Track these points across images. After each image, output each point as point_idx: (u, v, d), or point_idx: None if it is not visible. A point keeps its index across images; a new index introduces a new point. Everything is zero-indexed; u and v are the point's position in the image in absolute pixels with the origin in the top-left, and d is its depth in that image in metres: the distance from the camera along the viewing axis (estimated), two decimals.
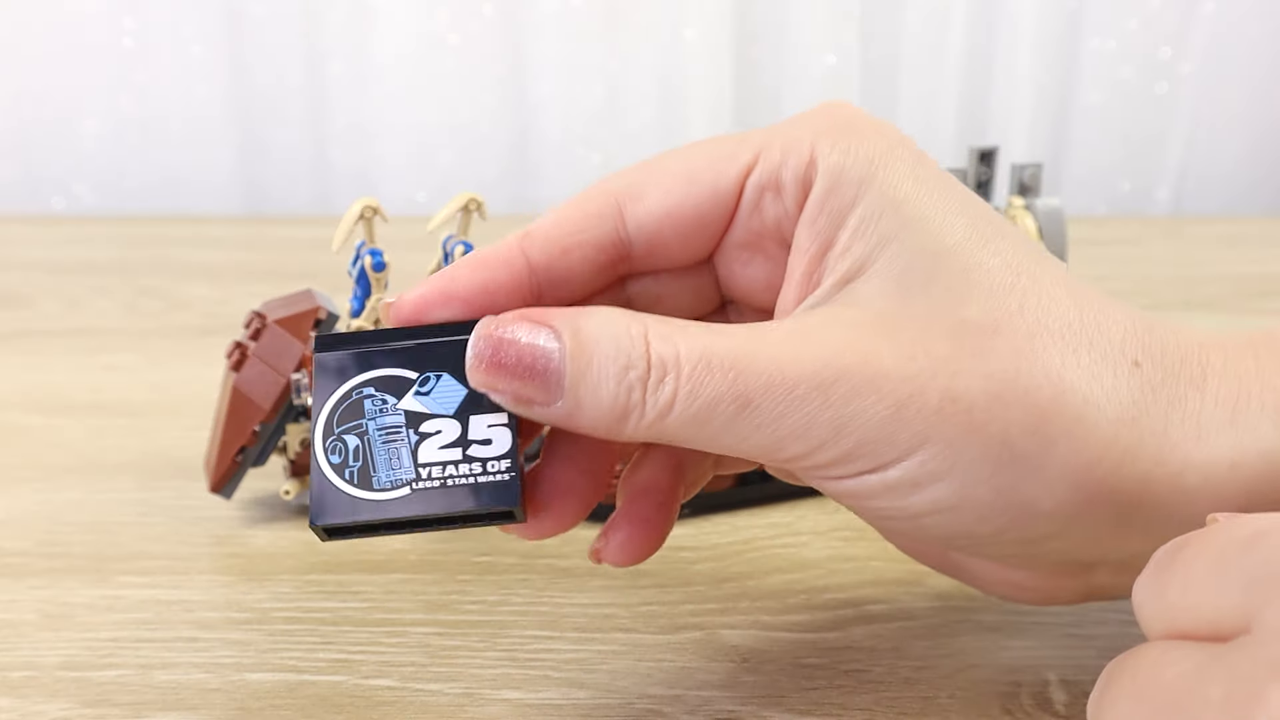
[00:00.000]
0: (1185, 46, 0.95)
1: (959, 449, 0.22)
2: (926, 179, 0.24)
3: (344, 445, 0.24)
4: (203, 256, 0.76)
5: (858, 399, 0.22)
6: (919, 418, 0.22)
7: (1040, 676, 0.28)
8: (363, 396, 0.24)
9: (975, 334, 0.23)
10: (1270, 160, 0.98)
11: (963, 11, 0.93)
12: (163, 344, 0.57)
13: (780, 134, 0.25)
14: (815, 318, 0.24)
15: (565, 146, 0.95)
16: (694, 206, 0.25)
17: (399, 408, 0.24)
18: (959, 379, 0.22)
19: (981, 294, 0.23)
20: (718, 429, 0.22)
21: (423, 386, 0.24)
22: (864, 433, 0.22)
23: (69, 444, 0.44)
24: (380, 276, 0.37)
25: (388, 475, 0.24)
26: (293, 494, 0.37)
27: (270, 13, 0.91)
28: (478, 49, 0.93)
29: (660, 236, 0.26)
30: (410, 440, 0.24)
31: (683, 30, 0.92)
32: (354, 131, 0.94)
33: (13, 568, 0.34)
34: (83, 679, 0.29)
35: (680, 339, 0.23)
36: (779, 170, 0.25)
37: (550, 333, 0.23)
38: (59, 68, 0.91)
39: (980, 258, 0.24)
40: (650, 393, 0.22)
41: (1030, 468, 0.22)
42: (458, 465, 0.24)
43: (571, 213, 0.25)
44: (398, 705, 0.28)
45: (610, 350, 0.22)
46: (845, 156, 0.24)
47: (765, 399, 0.22)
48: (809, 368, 0.22)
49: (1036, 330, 0.23)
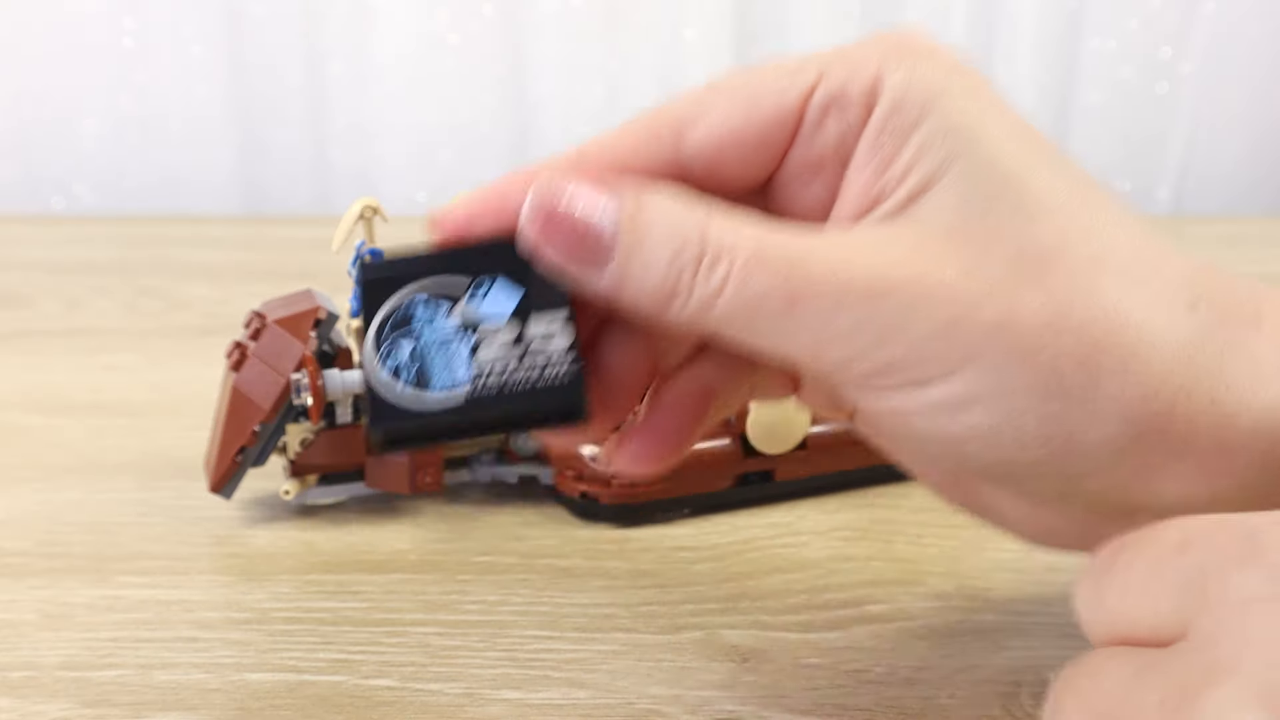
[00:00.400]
0: (1185, 46, 0.95)
1: (1006, 372, 0.22)
2: (992, 103, 0.24)
3: (399, 352, 0.23)
4: (203, 256, 0.76)
5: (907, 311, 0.22)
6: (969, 336, 0.21)
7: (1040, 676, 0.28)
8: (415, 305, 0.24)
9: (1035, 259, 0.22)
10: (1270, 160, 0.98)
11: (963, 11, 0.93)
12: (163, 344, 0.57)
13: (844, 54, 0.25)
14: (876, 229, 0.23)
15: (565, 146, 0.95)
16: (756, 127, 0.25)
17: (453, 313, 0.23)
18: (1014, 302, 0.22)
19: (1045, 218, 0.23)
20: (762, 323, 0.22)
21: (477, 290, 0.24)
22: (910, 344, 0.22)
23: (69, 444, 0.44)
24: None
25: (446, 378, 0.23)
26: (293, 494, 0.37)
27: (270, 13, 0.91)
28: (478, 49, 0.93)
29: (720, 159, 0.25)
30: (468, 341, 0.23)
31: (683, 30, 0.92)
32: (354, 131, 0.94)
33: (13, 568, 0.34)
34: (82, 679, 0.29)
35: (740, 228, 0.22)
36: (843, 87, 0.24)
37: (611, 197, 0.22)
38: (59, 68, 0.91)
39: (1046, 183, 0.23)
40: (701, 276, 0.22)
41: (1079, 398, 0.22)
42: (520, 362, 0.23)
43: (627, 136, 0.25)
44: (398, 705, 0.28)
45: (667, 227, 0.22)
46: (911, 75, 0.24)
47: (814, 298, 0.22)
48: (863, 274, 0.22)
49: (1097, 260, 0.22)
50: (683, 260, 0.22)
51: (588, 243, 0.22)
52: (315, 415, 0.35)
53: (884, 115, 0.24)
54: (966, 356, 0.22)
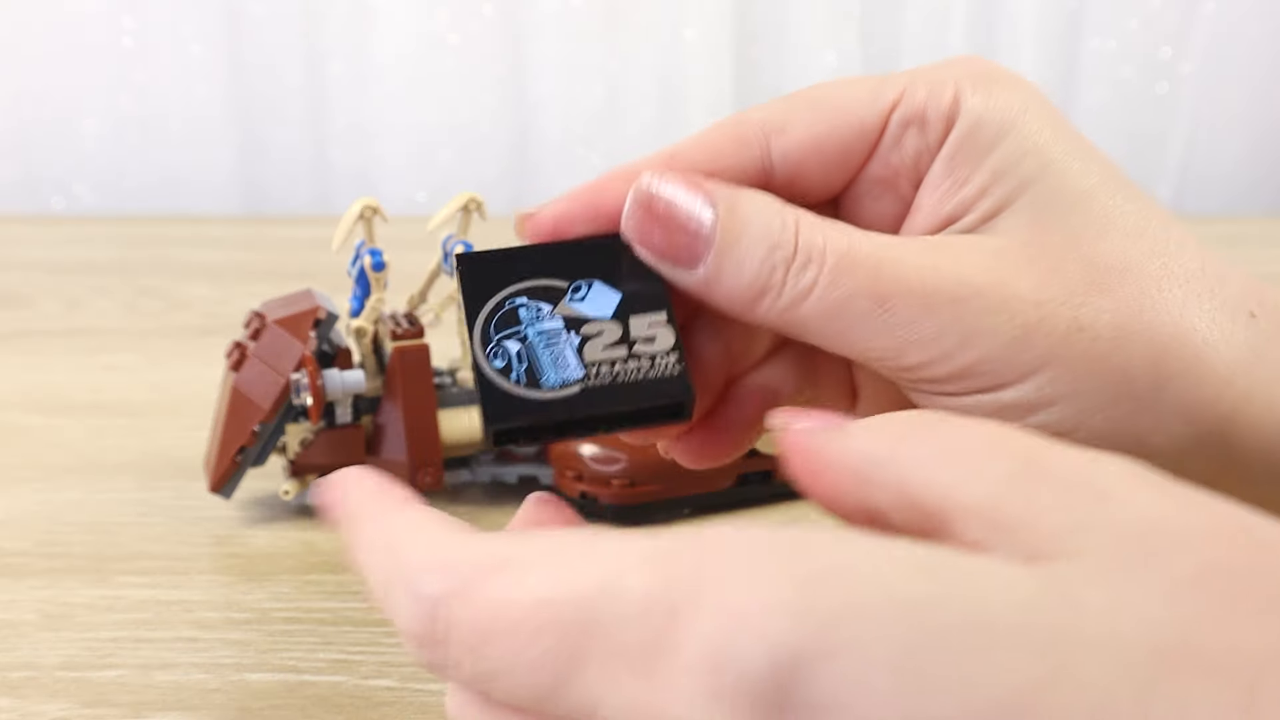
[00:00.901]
0: (1186, 46, 0.95)
1: (1079, 376, 0.23)
2: (1063, 129, 0.25)
3: (505, 350, 0.23)
4: (203, 256, 0.76)
5: (989, 316, 0.23)
6: (1044, 341, 0.23)
7: None
8: (516, 305, 0.24)
9: (1106, 270, 0.23)
10: (1270, 160, 0.98)
11: (963, 11, 0.93)
12: (162, 344, 0.57)
13: (924, 75, 0.26)
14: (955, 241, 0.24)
15: (565, 146, 0.95)
16: (839, 138, 0.26)
17: (556, 314, 0.24)
18: (1086, 309, 0.23)
19: (1115, 234, 0.24)
20: (848, 324, 0.23)
21: (576, 293, 0.24)
22: (989, 349, 0.23)
23: (69, 444, 0.44)
24: (380, 276, 0.37)
25: (556, 375, 0.23)
26: (292, 494, 0.37)
27: (270, 12, 0.91)
28: (478, 49, 0.93)
29: (802, 167, 0.26)
30: (573, 341, 0.23)
31: (683, 30, 0.92)
32: (354, 131, 0.94)
33: (13, 568, 0.34)
34: (82, 679, 0.29)
35: (829, 231, 0.23)
36: (924, 106, 0.25)
37: (707, 196, 0.23)
38: (59, 68, 0.91)
39: (1115, 203, 0.24)
40: (792, 275, 0.23)
41: (1147, 402, 0.23)
42: (626, 361, 0.23)
43: (717, 138, 0.26)
44: (397, 705, 0.28)
45: (761, 227, 0.23)
46: (988, 100, 0.25)
47: (900, 301, 0.23)
48: (947, 279, 0.23)
49: (1163, 274, 0.24)
50: (775, 259, 0.23)
51: (685, 239, 0.23)
52: (315, 415, 0.35)
53: (961, 137, 0.25)
54: (1043, 361, 0.23)
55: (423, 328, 0.37)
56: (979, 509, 0.17)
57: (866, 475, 0.19)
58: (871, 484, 0.19)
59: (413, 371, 0.36)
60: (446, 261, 0.38)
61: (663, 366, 0.23)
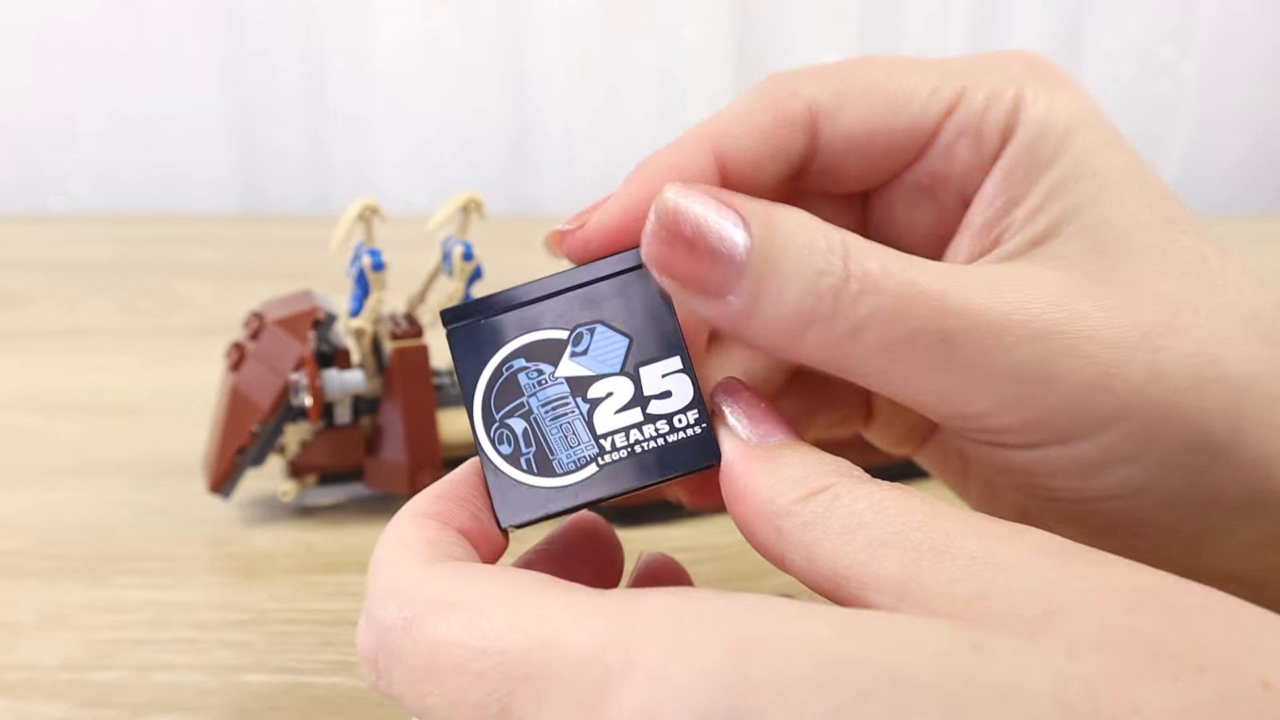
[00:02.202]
0: (1186, 46, 0.95)
1: (1160, 428, 0.20)
2: (1120, 147, 0.23)
3: (510, 432, 0.21)
4: (202, 256, 0.76)
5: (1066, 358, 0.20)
6: (1125, 389, 0.20)
7: None
8: (514, 371, 0.21)
9: (1174, 310, 0.21)
10: (1271, 160, 0.98)
11: (963, 12, 0.93)
12: (161, 344, 0.57)
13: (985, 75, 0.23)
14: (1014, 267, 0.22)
15: (565, 146, 0.95)
16: (889, 135, 0.23)
17: (558, 376, 0.21)
18: (1163, 354, 0.20)
19: (1176, 271, 0.22)
20: (910, 363, 0.20)
21: (577, 345, 0.21)
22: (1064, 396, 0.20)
23: (68, 444, 0.44)
24: (379, 276, 0.37)
25: (568, 456, 0.21)
26: (291, 494, 0.37)
27: (269, 12, 0.91)
28: (478, 48, 0.93)
29: (845, 160, 0.24)
30: (581, 410, 0.21)
31: (683, 29, 0.92)
32: (353, 131, 0.94)
33: (11, 568, 0.34)
34: (81, 680, 0.29)
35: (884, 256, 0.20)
36: (982, 116, 0.23)
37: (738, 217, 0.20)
38: (57, 66, 0.91)
39: (1173, 235, 0.22)
40: (846, 305, 0.19)
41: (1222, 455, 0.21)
42: (642, 429, 0.21)
43: (764, 121, 0.23)
44: (396, 706, 0.27)
45: (804, 250, 0.20)
46: (1049, 111, 0.23)
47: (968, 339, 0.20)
48: (1018, 315, 0.20)
49: (1229, 315, 0.21)
50: (822, 286, 0.19)
51: (715, 267, 0.20)
52: (314, 415, 0.35)
53: (1019, 152, 0.23)
54: (1120, 412, 0.20)
55: (422, 328, 0.37)
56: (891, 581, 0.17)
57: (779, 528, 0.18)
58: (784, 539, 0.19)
59: (412, 372, 0.36)
60: (446, 261, 0.38)
61: (683, 427, 0.21)
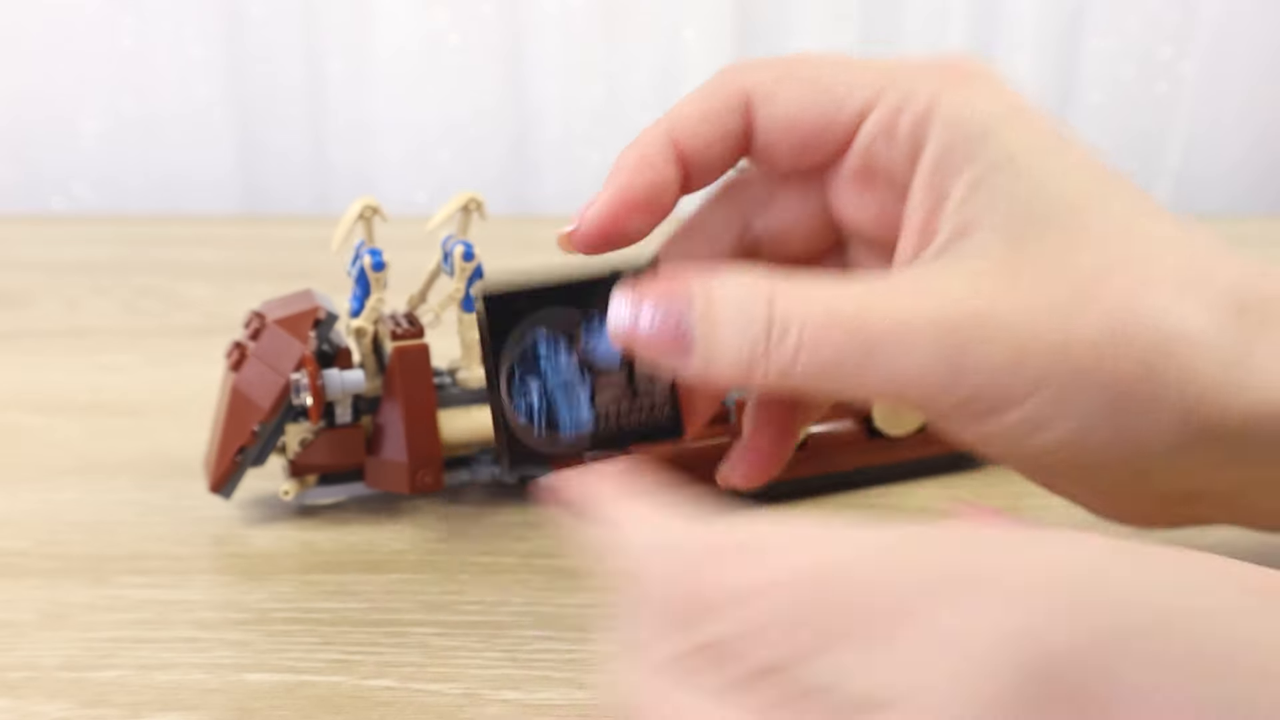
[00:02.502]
0: (1186, 46, 0.94)
1: (1076, 391, 0.23)
2: (1042, 135, 0.25)
3: (528, 393, 0.27)
4: (202, 256, 0.76)
5: (977, 344, 0.23)
6: (1035, 362, 0.23)
7: None
8: (537, 341, 0.27)
9: (1090, 280, 0.23)
10: (1270, 160, 0.98)
11: (963, 11, 0.93)
12: (162, 344, 0.57)
13: (901, 78, 0.26)
14: (934, 267, 0.25)
15: (565, 146, 0.95)
16: (812, 124, 0.26)
17: (572, 362, 0.27)
18: (1074, 323, 0.23)
19: (1098, 243, 0.24)
20: (841, 377, 0.24)
21: (588, 331, 0.27)
22: (983, 378, 0.23)
23: (68, 444, 0.44)
24: (379, 276, 0.37)
25: (571, 420, 0.27)
26: (292, 494, 0.37)
27: (270, 12, 0.91)
28: (478, 49, 0.93)
29: (778, 143, 0.27)
30: (587, 388, 0.27)
31: (683, 30, 0.92)
32: (354, 131, 0.94)
33: (12, 568, 0.34)
34: (82, 679, 0.29)
35: (804, 294, 0.24)
36: (895, 118, 0.26)
37: (683, 296, 0.25)
38: (58, 67, 0.91)
39: (1094, 210, 0.24)
40: (775, 346, 0.24)
41: (1142, 408, 0.23)
42: (631, 405, 0.27)
43: (710, 106, 0.27)
44: (397, 705, 0.27)
45: (736, 307, 0.24)
46: (963, 110, 0.25)
47: (885, 346, 0.23)
48: (929, 315, 0.23)
49: (1149, 276, 0.24)
50: (753, 335, 0.24)
51: (670, 345, 0.25)
52: (315, 415, 0.35)
53: (938, 152, 0.25)
54: (1036, 382, 0.23)
55: (423, 328, 0.37)
56: None
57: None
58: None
59: (412, 371, 0.36)
60: (446, 261, 0.38)
61: (661, 407, 0.28)
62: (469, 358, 0.39)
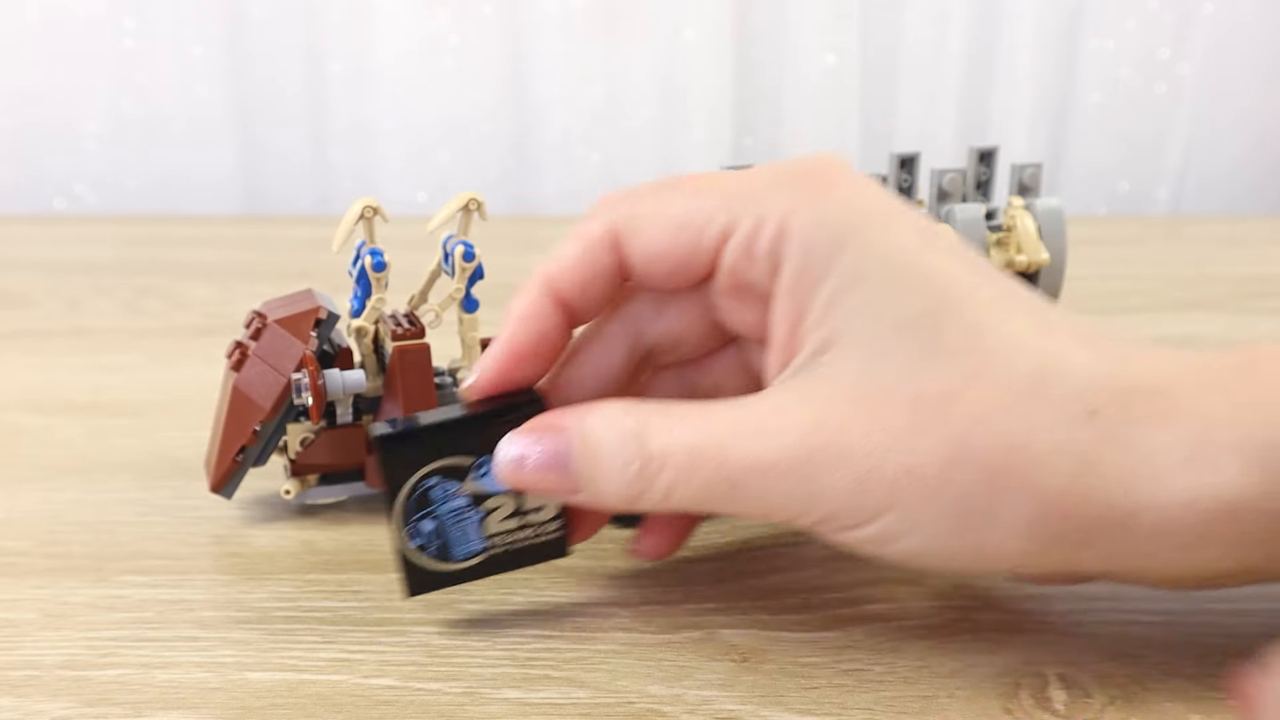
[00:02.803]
0: (1184, 47, 0.95)
1: (919, 512, 0.25)
2: (895, 249, 0.26)
3: (421, 530, 0.29)
4: (203, 256, 0.76)
5: (825, 475, 0.25)
6: (880, 487, 0.25)
7: (1040, 676, 0.28)
8: (429, 486, 0.29)
9: (931, 403, 0.25)
10: (1270, 161, 0.98)
11: (963, 11, 0.93)
12: (163, 344, 0.57)
13: (757, 199, 0.27)
14: (790, 394, 0.26)
15: (565, 146, 0.95)
16: (676, 256, 0.28)
17: (463, 492, 0.29)
18: (915, 449, 0.24)
19: (938, 364, 0.25)
20: (714, 505, 0.26)
21: (479, 470, 0.29)
22: (834, 504, 0.25)
23: (69, 444, 0.44)
24: (380, 276, 0.37)
25: (463, 549, 0.29)
26: (293, 493, 0.37)
27: (270, 13, 0.91)
28: (478, 49, 0.93)
29: (650, 270, 0.29)
30: (477, 516, 0.29)
31: (683, 30, 0.92)
32: (354, 131, 0.94)
33: (13, 567, 0.35)
34: (83, 678, 0.29)
35: (672, 431, 0.26)
36: (752, 242, 0.27)
37: (562, 437, 0.27)
38: (60, 68, 0.91)
39: (940, 327, 0.25)
40: (650, 482, 0.26)
41: (987, 521, 0.25)
42: (519, 531, 0.30)
43: (580, 250, 0.29)
44: (398, 705, 0.28)
45: (611, 449, 0.27)
46: (816, 229, 0.26)
47: (748, 480, 0.26)
48: (783, 450, 0.25)
49: (990, 393, 0.25)
50: (630, 473, 0.26)
51: (556, 483, 0.27)
52: (316, 415, 0.36)
53: (794, 272, 0.27)
54: (884, 504, 0.25)
55: (423, 328, 0.37)
56: None
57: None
58: None
59: (413, 371, 0.36)
60: (447, 261, 0.38)
61: (547, 533, 0.30)
62: (469, 358, 0.39)
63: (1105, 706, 0.27)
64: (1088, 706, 0.27)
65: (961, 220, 0.41)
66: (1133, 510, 0.24)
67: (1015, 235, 0.42)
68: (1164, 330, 0.59)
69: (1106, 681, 0.28)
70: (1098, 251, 0.76)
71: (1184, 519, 0.24)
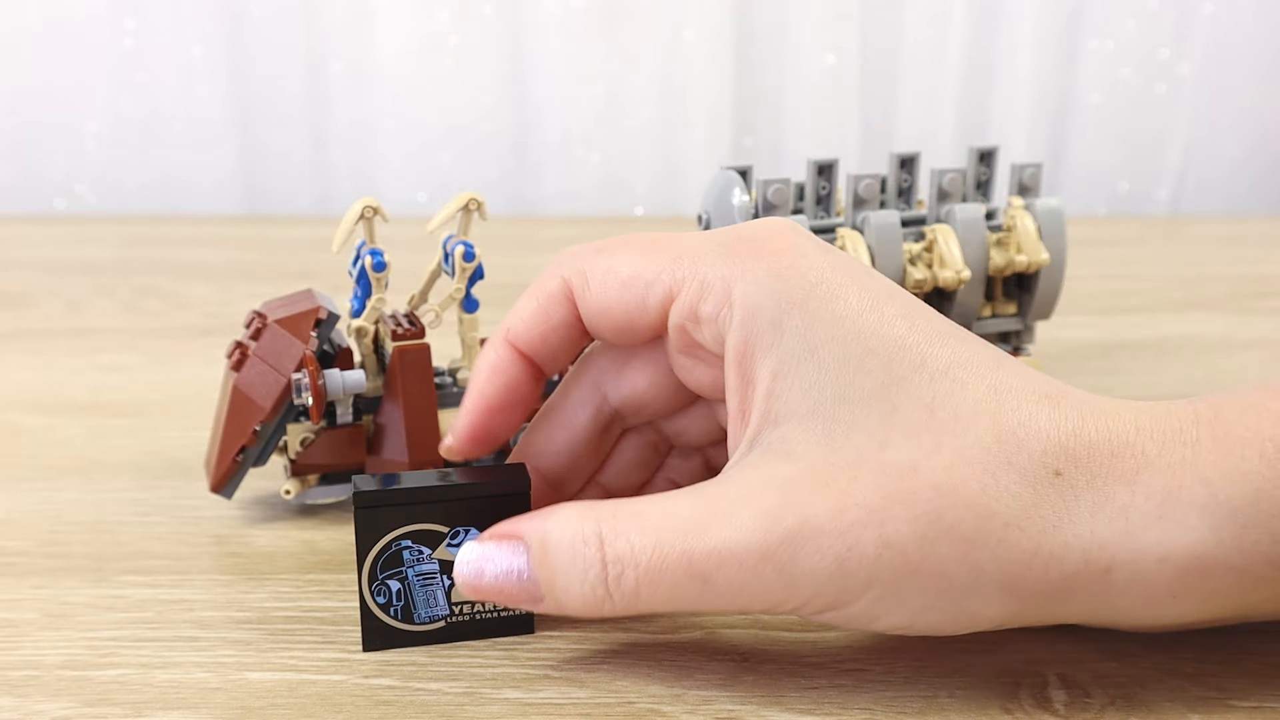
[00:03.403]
0: (1184, 47, 0.94)
1: (901, 587, 0.25)
2: (844, 318, 0.26)
3: (388, 589, 0.29)
4: (203, 256, 0.76)
5: (801, 559, 0.24)
6: (860, 567, 0.24)
7: (1040, 676, 0.28)
8: (401, 548, 0.29)
9: (898, 476, 0.25)
10: (1270, 161, 0.98)
11: (963, 11, 0.93)
12: (163, 344, 0.57)
13: (701, 265, 0.27)
14: (752, 476, 0.26)
15: (565, 146, 0.95)
16: (624, 311, 0.28)
17: (433, 558, 0.29)
18: (889, 526, 0.24)
19: (899, 437, 0.25)
20: (687, 603, 0.26)
21: (453, 540, 0.29)
22: (814, 586, 0.25)
23: (69, 444, 0.44)
24: (380, 276, 0.37)
25: (426, 612, 0.29)
26: (293, 493, 0.37)
27: (270, 13, 0.91)
28: (478, 49, 0.93)
29: (600, 324, 0.29)
30: (444, 584, 0.29)
31: (683, 30, 0.92)
32: (354, 131, 0.94)
33: (14, 567, 0.35)
34: (83, 678, 0.29)
35: (632, 533, 0.25)
36: (695, 308, 0.27)
37: (519, 546, 0.27)
38: (60, 68, 0.91)
39: (896, 403, 0.25)
40: (613, 587, 0.26)
41: (967, 590, 0.25)
42: (483, 604, 0.30)
43: (536, 305, 0.29)
44: (398, 705, 0.28)
45: (568, 555, 0.26)
46: (761, 298, 0.26)
47: (720, 573, 0.25)
48: (754, 538, 0.25)
49: (954, 463, 0.25)
50: (591, 579, 0.26)
51: (515, 595, 0.27)
52: (316, 415, 0.36)
53: (739, 342, 0.26)
54: (865, 582, 0.25)
55: (423, 328, 0.37)
56: None
57: None
58: None
59: (413, 371, 0.36)
60: (447, 261, 0.38)
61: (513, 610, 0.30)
62: (469, 358, 0.39)
63: (1105, 706, 0.27)
64: (1088, 706, 0.27)
65: (961, 220, 0.41)
66: (1107, 566, 0.25)
67: (1015, 235, 0.42)
68: (1164, 330, 0.59)
69: (1106, 681, 0.28)
70: (1098, 251, 0.76)
71: (1157, 575, 0.25)
